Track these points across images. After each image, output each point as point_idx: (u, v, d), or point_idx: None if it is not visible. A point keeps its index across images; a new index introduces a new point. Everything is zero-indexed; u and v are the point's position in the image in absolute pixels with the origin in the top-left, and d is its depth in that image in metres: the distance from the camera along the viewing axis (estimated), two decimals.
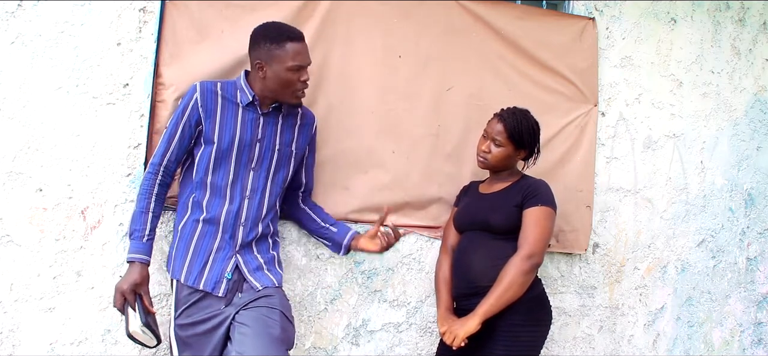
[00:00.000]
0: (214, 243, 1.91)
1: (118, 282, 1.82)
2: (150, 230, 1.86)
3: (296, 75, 1.90)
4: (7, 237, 1.98)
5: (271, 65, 1.89)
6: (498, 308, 2.00)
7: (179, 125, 1.91)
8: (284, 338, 1.87)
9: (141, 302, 1.82)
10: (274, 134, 1.99)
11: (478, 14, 2.47)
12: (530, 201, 2.09)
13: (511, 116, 2.16)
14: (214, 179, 1.93)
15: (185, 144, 1.93)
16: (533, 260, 2.04)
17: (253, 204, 1.96)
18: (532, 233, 2.06)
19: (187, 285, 1.88)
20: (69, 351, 2.03)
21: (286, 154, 2.02)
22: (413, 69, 2.40)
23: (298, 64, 1.89)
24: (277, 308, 1.90)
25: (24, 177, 2.00)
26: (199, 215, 1.92)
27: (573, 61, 2.59)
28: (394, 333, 2.39)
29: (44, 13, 2.02)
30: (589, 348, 2.63)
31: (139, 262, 1.82)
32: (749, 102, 2.92)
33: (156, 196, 1.89)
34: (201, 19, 2.15)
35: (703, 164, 2.83)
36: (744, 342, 2.89)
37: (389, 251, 2.36)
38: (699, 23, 2.84)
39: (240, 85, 1.97)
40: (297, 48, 1.90)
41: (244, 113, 1.95)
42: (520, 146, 2.18)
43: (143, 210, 1.86)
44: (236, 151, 1.93)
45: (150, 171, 1.90)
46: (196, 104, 1.91)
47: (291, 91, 1.92)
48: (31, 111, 2.01)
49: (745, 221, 2.90)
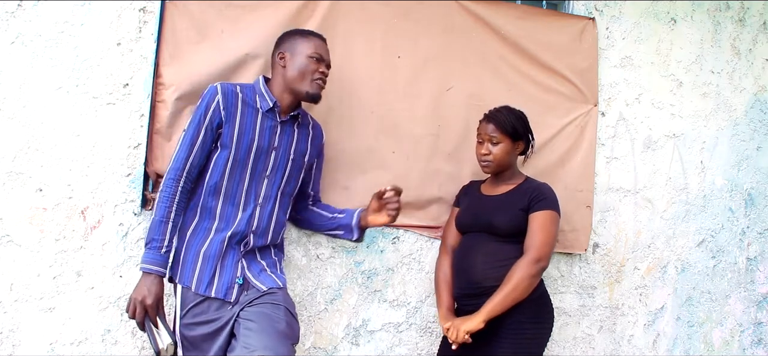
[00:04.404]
0: (222, 250, 1.88)
1: (135, 294, 1.76)
2: (169, 242, 1.80)
3: (316, 65, 1.96)
4: (7, 237, 1.98)
5: (294, 54, 1.95)
6: (502, 309, 2.01)
7: (201, 127, 1.86)
8: (290, 333, 1.86)
9: (163, 316, 1.78)
10: (290, 143, 1.99)
11: (478, 14, 2.47)
12: (536, 205, 2.10)
13: (497, 113, 2.20)
14: (229, 184, 1.90)
15: (207, 147, 1.88)
16: (541, 265, 2.06)
17: (265, 212, 1.95)
18: (539, 237, 2.07)
19: (198, 293, 1.84)
20: (69, 351, 2.03)
21: (299, 164, 2.03)
22: (413, 69, 2.40)
23: (320, 54, 1.98)
24: (281, 304, 1.89)
25: (24, 177, 2.00)
26: (211, 224, 1.89)
27: (573, 61, 2.59)
28: (394, 333, 2.39)
29: (44, 13, 2.02)
30: (589, 348, 2.63)
31: (156, 274, 1.78)
32: (749, 102, 2.92)
33: (177, 204, 1.82)
34: (201, 19, 2.15)
35: (703, 164, 2.83)
36: (744, 342, 2.89)
37: (389, 251, 2.37)
38: (699, 23, 2.84)
39: (259, 89, 1.96)
40: (320, 43, 2.01)
41: (263, 120, 1.93)
42: (516, 138, 2.20)
43: (163, 219, 1.80)
44: (253, 158, 1.91)
45: (171, 177, 1.83)
46: (219, 105, 1.87)
47: (310, 79, 1.95)
48: (31, 111, 2.01)
49: (745, 221, 2.89)
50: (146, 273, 1.77)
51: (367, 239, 2.33)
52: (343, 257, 2.33)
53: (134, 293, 1.77)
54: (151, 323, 1.76)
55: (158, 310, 1.77)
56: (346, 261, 2.33)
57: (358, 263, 2.35)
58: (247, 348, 1.75)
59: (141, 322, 1.77)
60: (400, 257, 2.39)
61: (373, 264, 2.36)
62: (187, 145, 1.85)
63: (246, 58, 2.16)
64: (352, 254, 2.33)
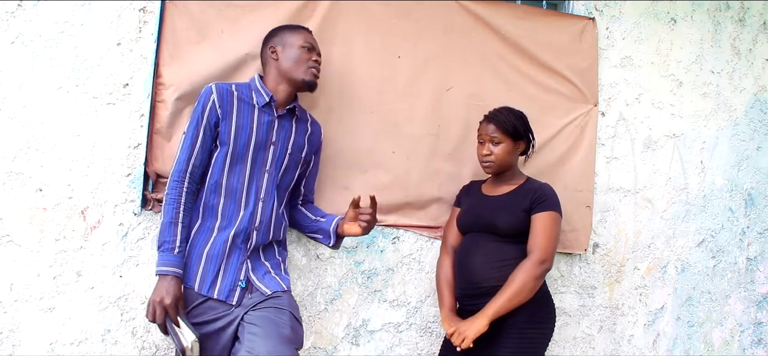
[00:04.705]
0: (226, 249, 1.88)
1: (153, 296, 1.76)
2: (180, 242, 1.81)
3: (308, 54, 2.00)
4: (7, 237, 1.98)
5: (285, 46, 1.99)
6: (507, 310, 2.01)
7: (200, 128, 1.88)
8: (294, 338, 1.86)
9: (183, 315, 1.78)
10: (288, 137, 2.00)
11: (478, 14, 2.47)
12: (539, 206, 2.10)
13: (498, 113, 2.21)
14: (229, 181, 1.90)
15: (208, 147, 1.90)
16: (545, 266, 2.06)
17: (267, 208, 1.95)
18: (542, 238, 2.07)
19: (201, 293, 1.85)
20: (69, 351, 2.03)
21: (296, 159, 2.03)
22: (413, 69, 2.40)
23: (311, 43, 2.02)
24: (286, 309, 1.89)
25: (24, 177, 2.00)
26: (213, 223, 1.89)
27: (573, 61, 2.59)
28: (394, 333, 2.39)
29: (44, 13, 2.02)
30: (589, 348, 2.63)
31: (172, 275, 1.78)
32: (749, 102, 2.92)
33: (184, 205, 1.83)
34: (201, 19, 2.15)
35: (703, 164, 2.83)
36: (744, 342, 2.89)
37: (389, 251, 2.37)
38: (699, 23, 2.84)
39: (255, 86, 1.98)
40: (309, 34, 2.05)
41: (260, 115, 1.94)
42: (517, 137, 2.20)
43: (172, 221, 1.81)
44: (252, 152, 1.92)
45: (175, 179, 1.84)
46: (214, 104, 1.89)
47: (304, 68, 1.98)
48: (31, 111, 2.01)
49: (745, 221, 2.89)
50: (162, 276, 1.78)
51: (367, 239, 2.33)
52: (343, 257, 2.33)
53: (152, 296, 1.77)
54: (172, 323, 1.76)
55: (178, 309, 1.77)
56: (346, 261, 2.33)
57: (358, 264, 2.35)
58: (251, 351, 1.76)
59: (162, 324, 1.77)
60: (400, 257, 2.39)
61: (373, 264, 2.36)
62: (188, 146, 1.87)
63: (246, 58, 2.16)
64: (352, 254, 2.33)
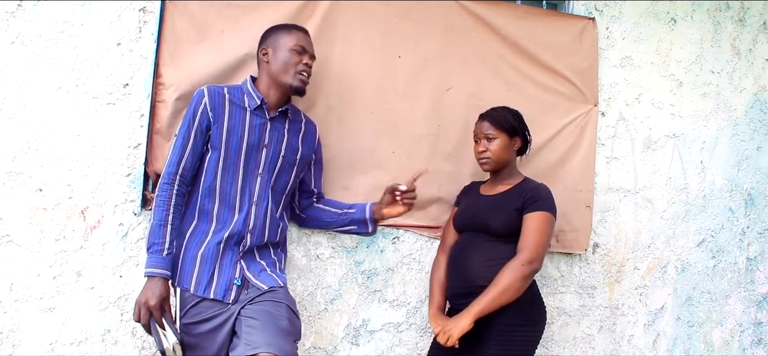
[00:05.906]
0: (220, 251, 1.89)
1: (139, 297, 1.78)
2: (169, 244, 1.82)
3: (299, 57, 1.96)
4: (7, 237, 1.98)
5: (276, 49, 1.96)
6: (491, 309, 2.00)
7: (191, 130, 1.88)
8: (292, 330, 1.86)
9: (169, 317, 1.79)
10: (281, 139, 1.99)
11: (478, 14, 2.47)
12: (531, 206, 2.09)
13: (492, 111, 2.22)
14: (222, 185, 1.91)
15: (199, 150, 1.90)
16: (533, 266, 2.04)
17: (261, 211, 1.95)
18: (532, 238, 2.06)
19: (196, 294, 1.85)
20: (69, 351, 2.03)
21: (290, 161, 2.02)
22: (413, 69, 2.40)
23: (302, 45, 1.97)
24: (282, 302, 1.90)
25: (24, 177, 2.00)
26: (208, 227, 1.90)
27: (573, 61, 2.59)
28: (394, 333, 2.39)
29: (44, 13, 2.02)
30: (589, 348, 2.63)
31: (160, 277, 1.79)
32: (749, 102, 2.92)
33: (174, 207, 1.84)
34: (201, 19, 2.15)
35: (703, 164, 2.83)
36: (744, 342, 2.89)
37: (389, 251, 2.37)
38: (699, 23, 2.84)
39: (247, 89, 1.98)
40: (302, 35, 2.00)
41: (252, 118, 1.94)
42: (513, 133, 2.20)
43: (161, 223, 1.82)
44: (244, 156, 1.92)
45: (165, 182, 1.85)
46: (206, 108, 1.89)
47: (294, 72, 1.95)
48: (31, 111, 2.01)
49: (745, 221, 2.89)
50: (150, 277, 1.79)
51: (367, 239, 2.33)
52: (343, 257, 2.33)
53: (139, 297, 1.78)
54: (156, 324, 1.77)
55: (163, 311, 1.78)
56: (346, 261, 2.33)
57: (358, 264, 2.35)
58: (250, 345, 1.75)
59: (146, 324, 1.78)
60: (400, 257, 2.39)
61: (373, 264, 2.36)
62: (179, 148, 1.88)
63: (246, 58, 2.16)
64: (352, 254, 2.33)
